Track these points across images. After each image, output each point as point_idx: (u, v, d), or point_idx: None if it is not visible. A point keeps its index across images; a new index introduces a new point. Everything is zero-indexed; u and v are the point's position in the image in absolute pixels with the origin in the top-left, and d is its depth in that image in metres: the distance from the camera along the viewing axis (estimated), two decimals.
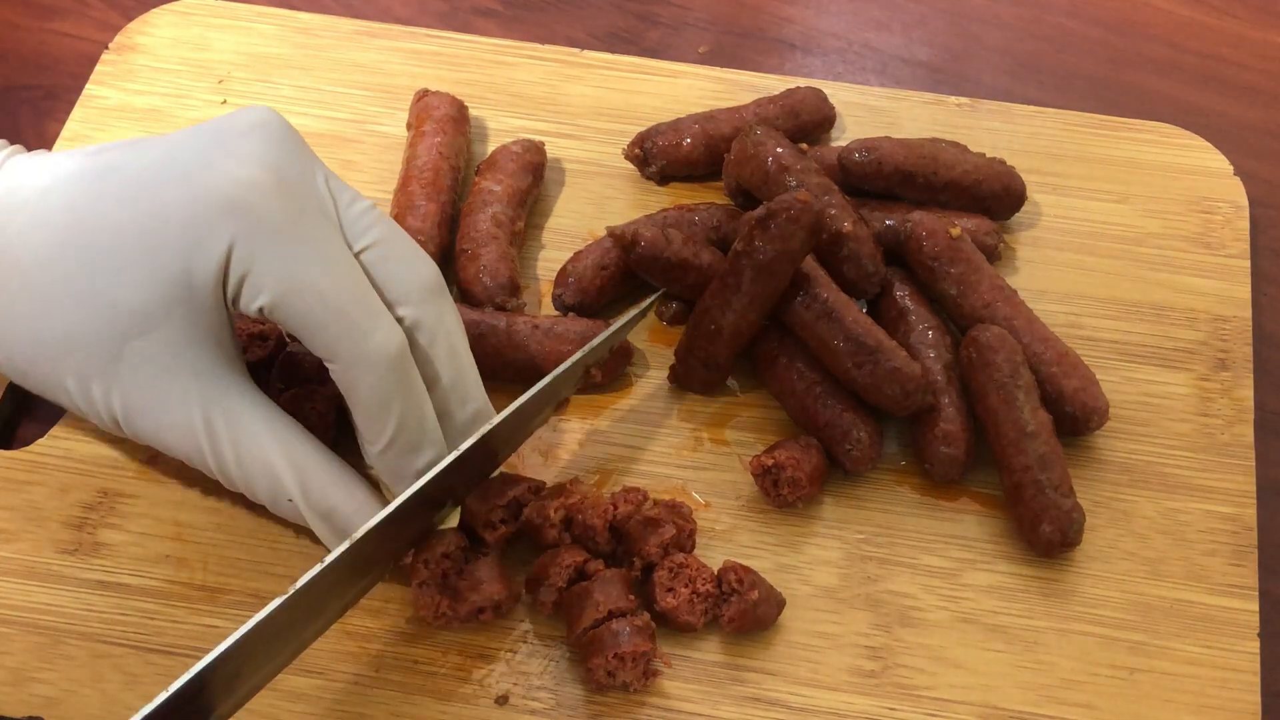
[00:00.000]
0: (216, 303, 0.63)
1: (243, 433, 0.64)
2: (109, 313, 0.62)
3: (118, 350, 0.63)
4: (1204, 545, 0.72)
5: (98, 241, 0.63)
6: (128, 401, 0.64)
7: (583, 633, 0.66)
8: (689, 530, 0.70)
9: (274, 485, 0.65)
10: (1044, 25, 0.97)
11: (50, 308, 0.63)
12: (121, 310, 0.62)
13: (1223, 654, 0.69)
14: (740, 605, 0.66)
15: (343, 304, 0.62)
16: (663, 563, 0.68)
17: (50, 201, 0.64)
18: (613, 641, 0.65)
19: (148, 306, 0.62)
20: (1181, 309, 0.80)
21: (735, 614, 0.66)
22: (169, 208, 0.62)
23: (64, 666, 0.67)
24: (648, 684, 0.66)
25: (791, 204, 0.70)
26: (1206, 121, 0.91)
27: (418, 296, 0.65)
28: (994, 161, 0.82)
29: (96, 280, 0.62)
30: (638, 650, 0.64)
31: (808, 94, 0.86)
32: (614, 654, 0.65)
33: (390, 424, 0.64)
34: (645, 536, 0.68)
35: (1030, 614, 0.70)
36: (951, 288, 0.76)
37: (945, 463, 0.72)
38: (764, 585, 0.67)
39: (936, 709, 0.67)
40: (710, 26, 0.95)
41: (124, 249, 0.62)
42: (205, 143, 0.64)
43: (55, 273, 0.63)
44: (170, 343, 0.63)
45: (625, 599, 0.66)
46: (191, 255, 0.61)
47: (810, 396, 0.73)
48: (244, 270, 0.61)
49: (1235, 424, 0.76)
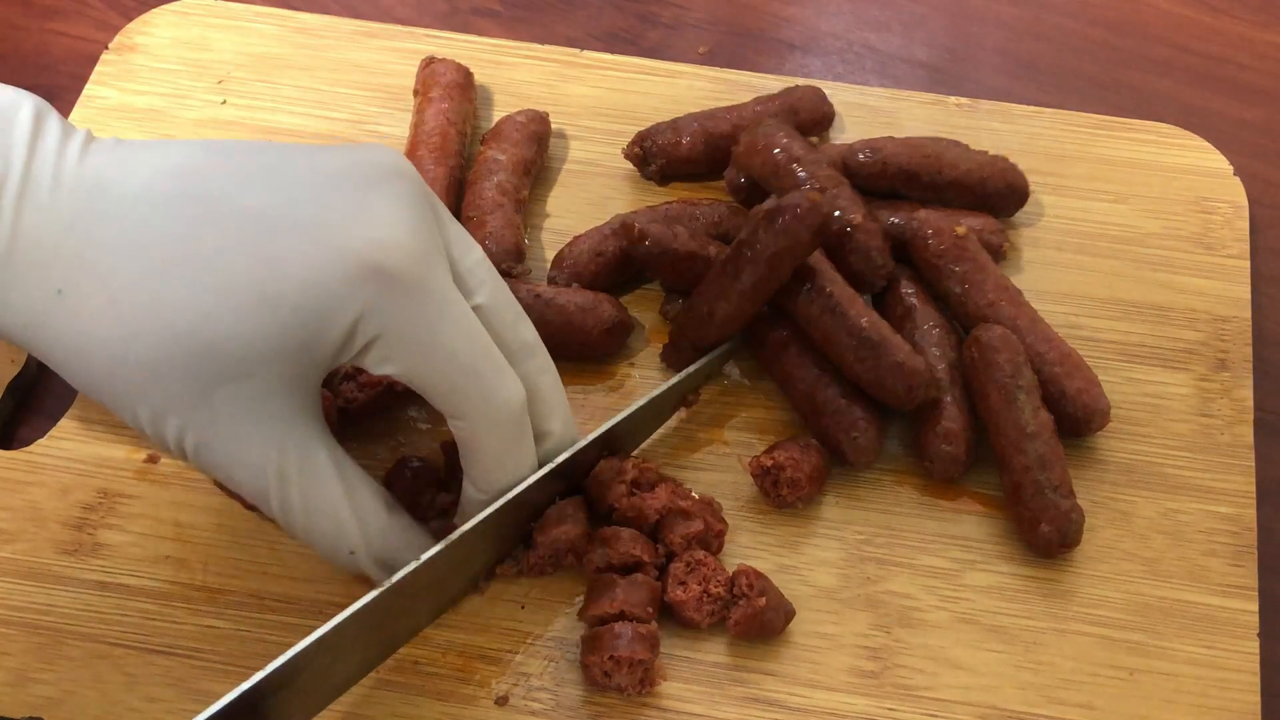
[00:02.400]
0: (326, 358, 0.59)
1: (315, 481, 0.61)
2: (204, 354, 0.57)
3: (204, 392, 0.58)
4: (1204, 545, 0.72)
5: (200, 278, 0.57)
6: (202, 439, 0.60)
7: (591, 620, 0.66)
8: (718, 530, 0.70)
9: (338, 536, 0.63)
10: (1044, 25, 0.97)
11: (139, 334, 0.57)
12: (219, 354, 0.57)
13: (1223, 654, 0.69)
14: (747, 610, 0.66)
15: (474, 364, 0.61)
16: (682, 555, 0.68)
17: (144, 217, 0.58)
18: (612, 643, 0.65)
19: (249, 356, 0.57)
20: (1181, 309, 0.80)
21: (741, 618, 0.66)
22: (291, 261, 0.57)
23: (64, 666, 0.67)
24: (643, 690, 0.66)
25: (800, 202, 0.70)
26: (1206, 121, 0.91)
27: (524, 356, 0.65)
28: (996, 159, 0.82)
29: (194, 318, 0.57)
30: (635, 657, 0.64)
31: (806, 92, 0.86)
32: (611, 656, 0.65)
33: (507, 476, 0.65)
34: (673, 526, 0.69)
35: (1030, 614, 0.70)
36: (956, 286, 0.76)
37: (946, 461, 0.72)
38: (774, 594, 0.67)
39: (936, 709, 0.67)
40: (710, 26, 0.95)
41: (228, 289, 0.57)
42: (335, 189, 0.59)
43: (142, 306, 0.57)
44: (262, 391, 0.59)
45: (644, 609, 0.66)
46: (314, 316, 0.57)
47: (818, 386, 0.73)
48: (373, 336, 0.59)
49: (1235, 424, 0.76)
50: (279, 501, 0.61)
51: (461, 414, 0.62)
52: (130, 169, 0.59)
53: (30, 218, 0.57)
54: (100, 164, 0.59)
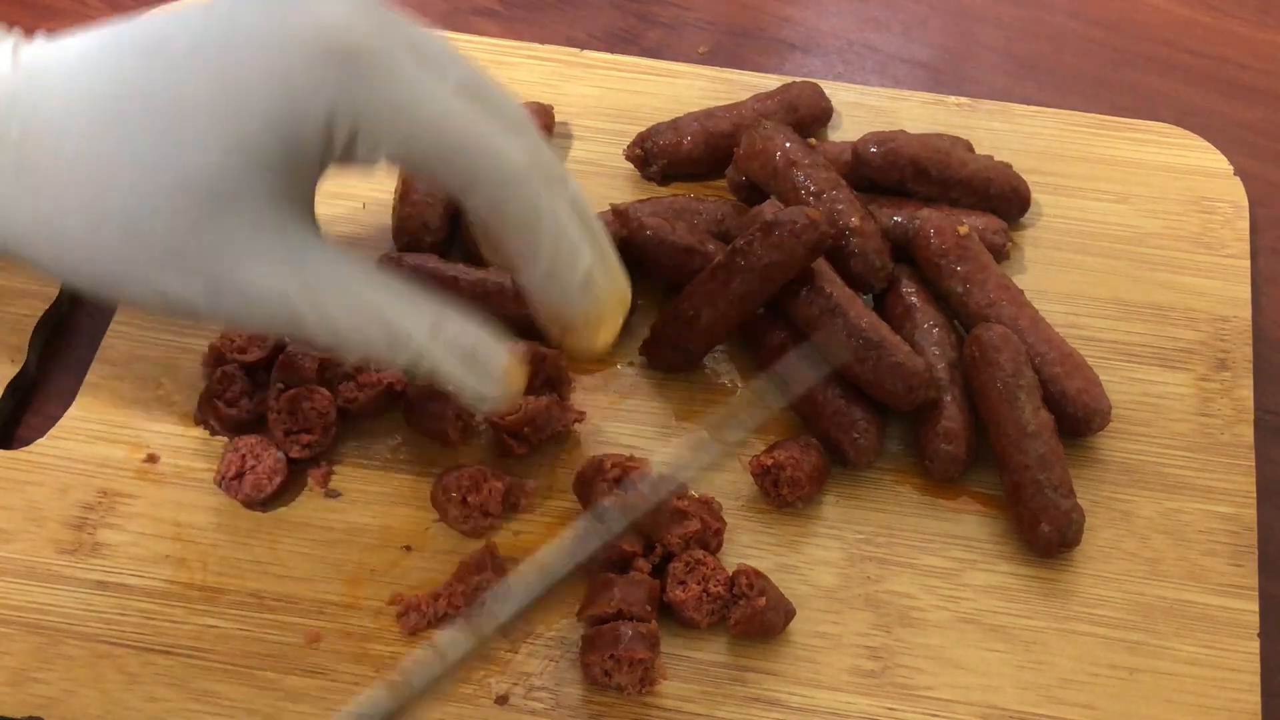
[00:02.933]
0: (311, 161, 0.56)
1: (346, 284, 0.58)
2: (178, 193, 0.54)
3: (192, 231, 0.55)
4: (1204, 545, 0.72)
5: (156, 112, 0.54)
6: (207, 284, 0.56)
7: (591, 620, 0.66)
8: (715, 529, 0.70)
9: (395, 337, 0.58)
10: (1044, 25, 0.97)
11: (104, 196, 0.54)
12: (194, 187, 0.54)
13: (1223, 654, 0.69)
14: (747, 610, 0.66)
15: (466, 126, 0.57)
16: (681, 555, 0.68)
17: (89, 77, 0.55)
18: (613, 642, 0.65)
19: (227, 180, 0.54)
20: (1181, 309, 0.80)
21: (741, 618, 0.66)
22: (245, 66, 0.54)
23: (64, 666, 0.67)
24: (644, 690, 0.66)
25: (799, 218, 0.70)
26: (1206, 121, 0.91)
27: (519, 130, 0.60)
28: (1001, 165, 0.82)
29: (158, 157, 0.54)
30: (635, 656, 0.64)
31: (804, 88, 0.86)
32: (611, 654, 0.65)
33: (544, 233, 0.59)
34: (670, 526, 0.69)
35: (1030, 614, 0.70)
36: (958, 285, 0.76)
37: (945, 460, 0.72)
38: (774, 593, 0.67)
39: (936, 709, 0.67)
40: (710, 26, 0.95)
41: (191, 117, 0.54)
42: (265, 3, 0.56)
43: (104, 155, 0.54)
44: (254, 213, 0.55)
45: (642, 608, 0.66)
46: (283, 117, 0.54)
47: (818, 387, 0.73)
48: (353, 124, 0.55)
49: (1235, 424, 0.76)
50: (316, 318, 0.57)
51: (473, 182, 0.58)
52: (63, 43, 0.57)
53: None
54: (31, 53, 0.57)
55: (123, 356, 0.77)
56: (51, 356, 0.80)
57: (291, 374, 0.74)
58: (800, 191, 0.76)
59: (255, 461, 0.71)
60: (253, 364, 0.74)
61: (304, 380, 0.73)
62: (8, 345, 0.78)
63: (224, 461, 0.72)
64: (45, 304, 0.79)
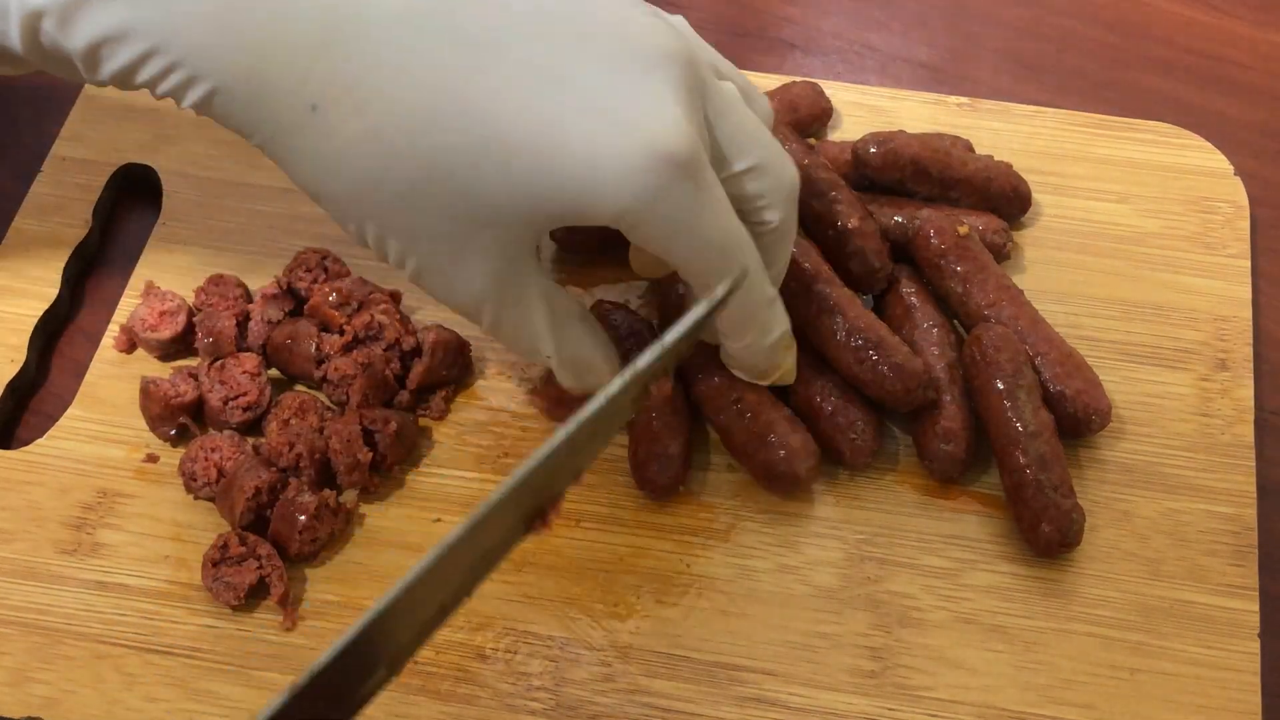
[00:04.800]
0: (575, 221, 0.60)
1: (526, 312, 0.63)
2: (462, 199, 0.58)
3: (449, 230, 0.59)
4: (1204, 545, 0.72)
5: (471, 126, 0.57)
6: (426, 266, 0.61)
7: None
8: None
9: (535, 353, 0.66)
10: (1044, 25, 0.97)
11: (396, 167, 0.58)
12: (477, 202, 0.58)
13: (1223, 654, 0.69)
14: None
15: (726, 246, 0.61)
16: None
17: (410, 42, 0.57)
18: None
19: (505, 209, 0.58)
20: (1181, 309, 0.80)
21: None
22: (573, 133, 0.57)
23: (63, 666, 0.67)
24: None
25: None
26: (1206, 121, 0.91)
27: (782, 200, 0.65)
28: (1002, 164, 0.82)
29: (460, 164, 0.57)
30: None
31: (804, 88, 0.86)
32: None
33: (759, 321, 0.66)
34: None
35: (1030, 614, 0.70)
36: (957, 286, 0.76)
37: (945, 460, 0.72)
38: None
39: (936, 709, 0.67)
40: (710, 26, 0.95)
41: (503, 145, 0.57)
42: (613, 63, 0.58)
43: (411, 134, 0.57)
44: (503, 237, 0.60)
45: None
46: (586, 195, 0.57)
47: (816, 387, 0.73)
48: (635, 222, 0.58)
49: (1235, 424, 0.76)
50: (489, 323, 0.64)
51: (705, 286, 0.62)
52: None
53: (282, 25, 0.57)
54: None
55: (122, 356, 0.77)
56: (51, 356, 0.80)
57: (213, 346, 0.75)
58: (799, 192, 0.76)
59: (215, 453, 0.72)
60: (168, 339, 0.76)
61: (226, 346, 0.75)
62: (8, 345, 0.78)
63: (195, 470, 0.72)
64: (45, 304, 0.79)
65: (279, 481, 0.71)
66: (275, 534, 0.70)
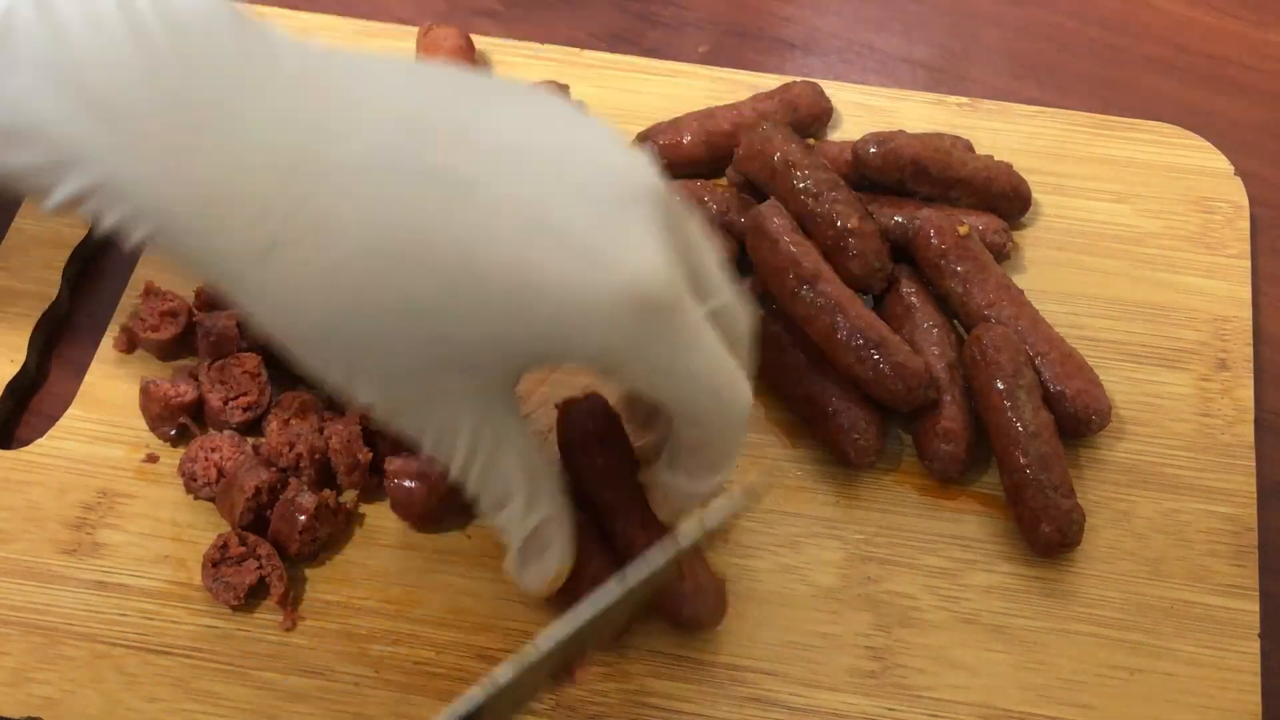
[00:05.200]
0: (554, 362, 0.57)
1: (498, 463, 0.59)
2: (433, 343, 0.54)
3: (418, 374, 0.55)
4: (1204, 545, 0.72)
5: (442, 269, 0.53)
6: (396, 408, 0.57)
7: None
8: None
9: (501, 503, 0.61)
10: (1044, 25, 0.97)
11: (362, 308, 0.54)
12: (449, 346, 0.55)
13: (1223, 654, 0.69)
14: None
15: (713, 381, 0.58)
16: None
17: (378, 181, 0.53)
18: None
19: (481, 353, 0.55)
20: (1181, 309, 0.80)
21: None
22: (547, 275, 0.53)
23: (63, 666, 0.67)
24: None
25: None
26: (1206, 121, 0.91)
27: (743, 340, 0.62)
28: (1002, 164, 0.82)
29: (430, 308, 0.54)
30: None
31: (804, 88, 0.86)
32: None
33: (722, 470, 0.62)
34: None
35: (1031, 614, 0.70)
36: (957, 286, 0.76)
37: (945, 460, 0.72)
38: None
39: (936, 709, 0.67)
40: (710, 26, 0.95)
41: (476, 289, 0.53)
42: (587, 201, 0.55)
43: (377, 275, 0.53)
44: (477, 381, 0.56)
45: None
46: (563, 338, 0.54)
47: (817, 387, 0.73)
48: (618, 365, 0.56)
49: (1235, 424, 0.76)
50: (458, 469, 0.59)
51: (695, 423, 0.59)
52: (353, 114, 0.54)
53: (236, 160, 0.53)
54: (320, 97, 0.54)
55: (122, 356, 0.77)
56: (51, 356, 0.80)
57: (213, 346, 0.75)
58: (799, 192, 0.76)
59: (216, 453, 0.72)
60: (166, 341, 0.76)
61: (227, 346, 0.75)
62: (8, 345, 0.78)
63: (195, 470, 0.72)
64: (45, 304, 0.79)
65: (279, 481, 0.71)
66: (275, 534, 0.70)
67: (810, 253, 0.74)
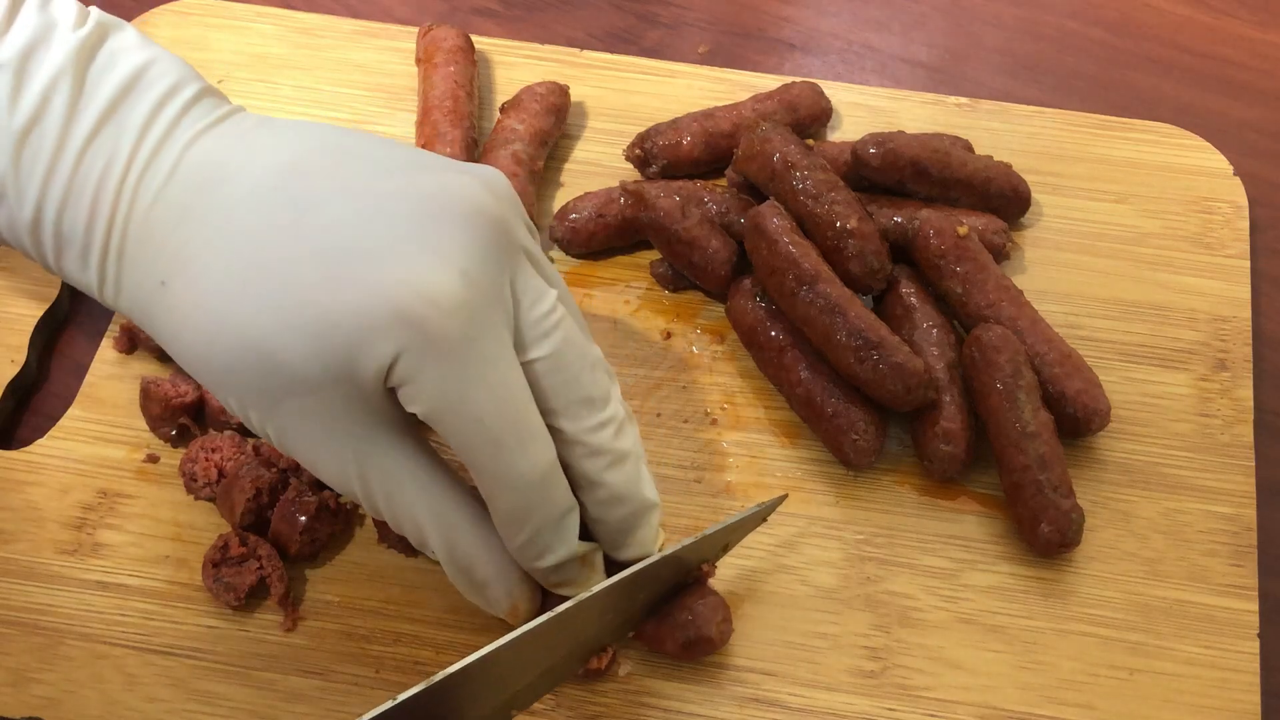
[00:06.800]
0: (378, 388, 0.57)
1: (395, 489, 0.60)
2: (268, 368, 0.57)
3: (274, 400, 0.58)
4: (1204, 545, 0.72)
5: (269, 293, 0.56)
6: (283, 437, 0.60)
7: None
8: None
9: (419, 538, 0.62)
10: (1044, 25, 0.97)
11: (216, 339, 0.58)
12: (283, 370, 0.57)
13: (1223, 654, 0.69)
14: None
15: (499, 430, 0.58)
16: None
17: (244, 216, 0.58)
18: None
19: (309, 375, 0.56)
20: (1181, 309, 0.80)
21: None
22: (348, 289, 0.56)
23: (64, 667, 0.67)
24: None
25: None
26: (1206, 121, 0.91)
27: (581, 413, 0.61)
28: (1001, 165, 0.82)
29: (258, 334, 0.57)
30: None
31: (804, 88, 0.86)
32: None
33: (525, 533, 0.61)
34: None
35: (1030, 614, 0.70)
36: (957, 286, 0.76)
37: (944, 460, 0.72)
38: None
39: (936, 709, 0.67)
40: (710, 26, 0.95)
41: (294, 310, 0.56)
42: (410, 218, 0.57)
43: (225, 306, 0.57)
44: (328, 406, 0.58)
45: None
46: (357, 348, 0.56)
47: (818, 387, 0.73)
48: (405, 380, 0.56)
49: (1235, 424, 0.76)
50: (364, 501, 0.61)
51: (477, 471, 0.59)
52: (247, 159, 0.60)
53: (144, 210, 0.59)
54: (223, 150, 0.60)
55: (122, 356, 0.77)
56: (51, 356, 0.80)
57: None
58: (798, 193, 0.76)
59: (216, 453, 0.72)
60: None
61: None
62: (8, 345, 0.78)
63: (196, 470, 0.72)
64: (45, 304, 0.79)
65: (279, 482, 0.71)
66: (275, 534, 0.70)
67: (810, 253, 0.74)
